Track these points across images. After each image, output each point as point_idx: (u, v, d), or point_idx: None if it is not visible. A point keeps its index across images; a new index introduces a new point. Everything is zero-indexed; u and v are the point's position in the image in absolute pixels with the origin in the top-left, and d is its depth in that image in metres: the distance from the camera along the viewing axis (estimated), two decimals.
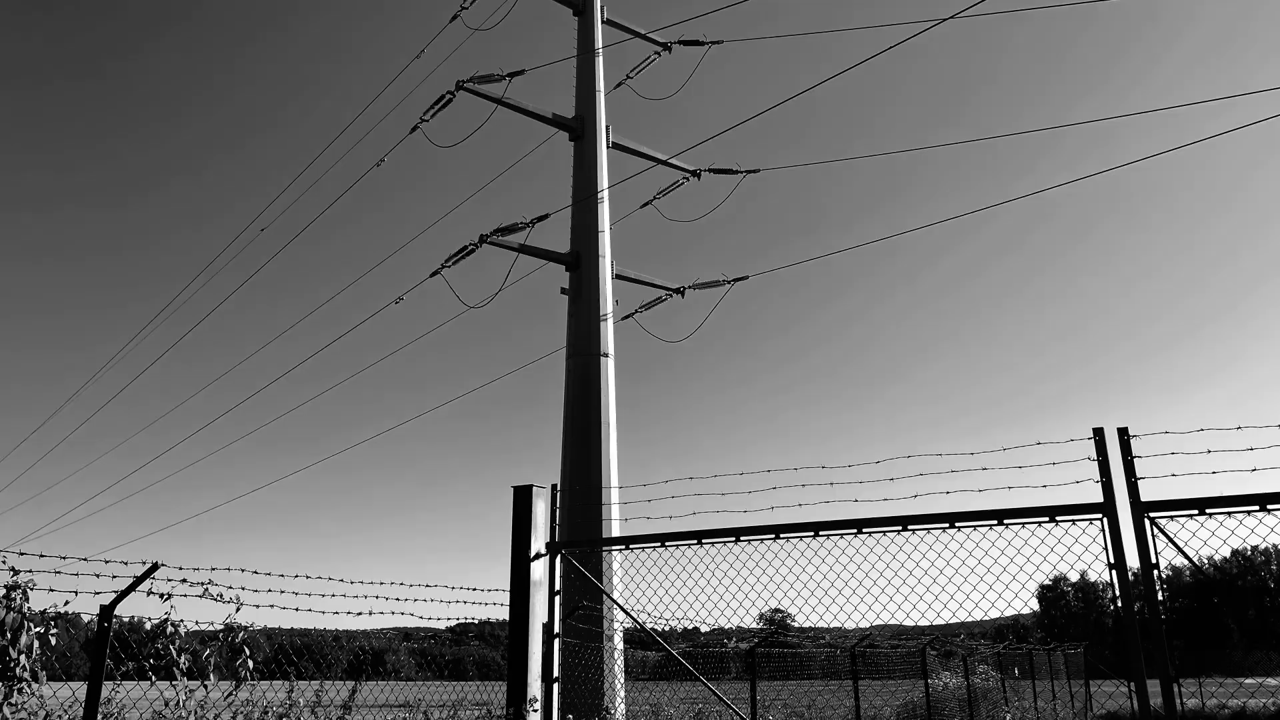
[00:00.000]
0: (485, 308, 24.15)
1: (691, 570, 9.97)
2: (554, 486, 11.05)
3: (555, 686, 10.43)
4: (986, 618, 8.65)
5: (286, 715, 9.85)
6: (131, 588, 8.41)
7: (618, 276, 24.89)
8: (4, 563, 8.21)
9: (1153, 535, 7.58)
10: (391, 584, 10.33)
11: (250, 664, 9.61)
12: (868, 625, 9.23)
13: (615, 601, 10.89)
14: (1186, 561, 7.62)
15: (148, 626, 9.20)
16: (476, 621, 11.44)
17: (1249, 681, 49.81)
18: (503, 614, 10.65)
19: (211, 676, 9.28)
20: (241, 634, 9.64)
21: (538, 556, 10.64)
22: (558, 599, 10.64)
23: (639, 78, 28.50)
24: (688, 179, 27.67)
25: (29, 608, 8.28)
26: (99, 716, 8.03)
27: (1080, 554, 7.94)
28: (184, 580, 8.88)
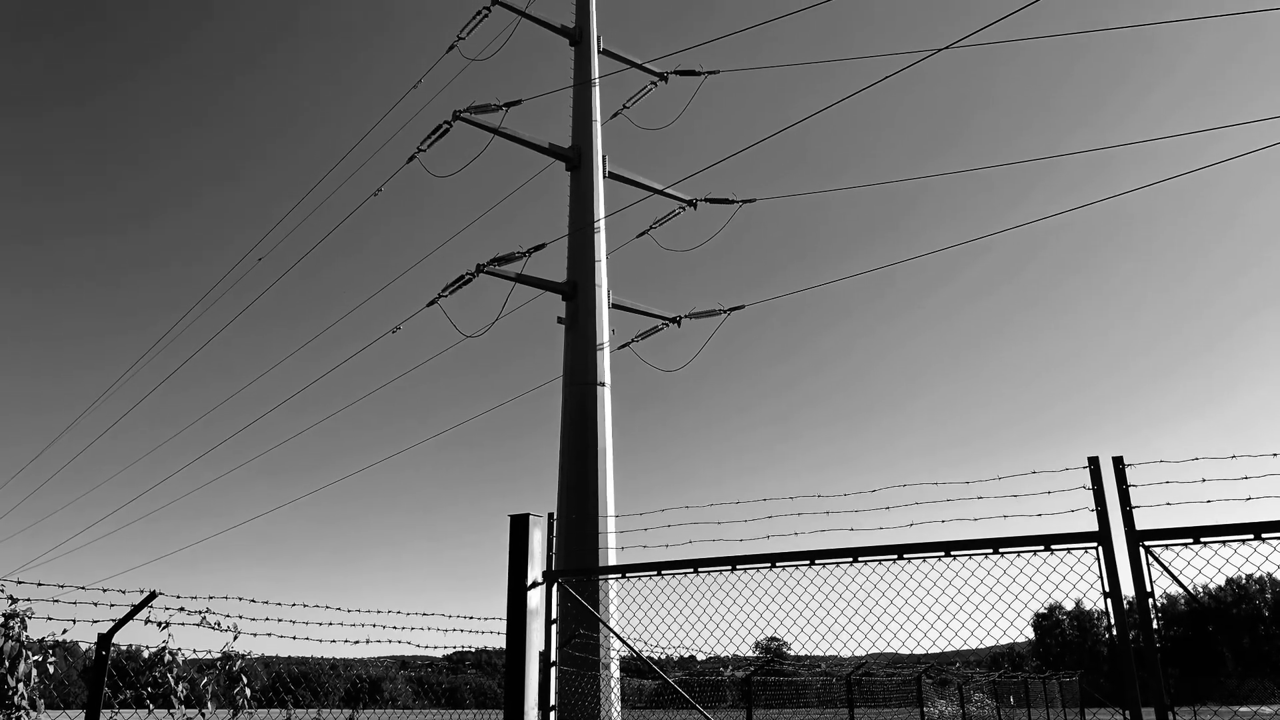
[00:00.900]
0: (482, 337, 24.22)
1: (687, 598, 10.00)
2: (550, 515, 11.07)
3: (552, 715, 10.43)
4: (982, 646, 8.67)
5: None
6: (129, 616, 8.43)
7: (614, 305, 24.96)
8: (2, 591, 8.23)
9: (1148, 564, 7.62)
10: (389, 612, 10.37)
11: (248, 692, 9.63)
12: (863, 653, 9.25)
13: (611, 630, 10.91)
14: (1181, 590, 7.66)
15: (145, 655, 9.22)
16: (473, 650, 11.47)
17: (1244, 710, 49.72)
18: (499, 642, 10.67)
19: (209, 705, 9.30)
20: (239, 662, 9.66)
21: (534, 585, 10.65)
22: (554, 627, 10.65)
23: (635, 107, 28.68)
24: (684, 209, 27.77)
25: (27, 636, 8.31)
26: None
27: (1075, 582, 7.98)
28: (181, 609, 8.91)
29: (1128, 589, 7.69)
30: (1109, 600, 7.73)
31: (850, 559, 8.93)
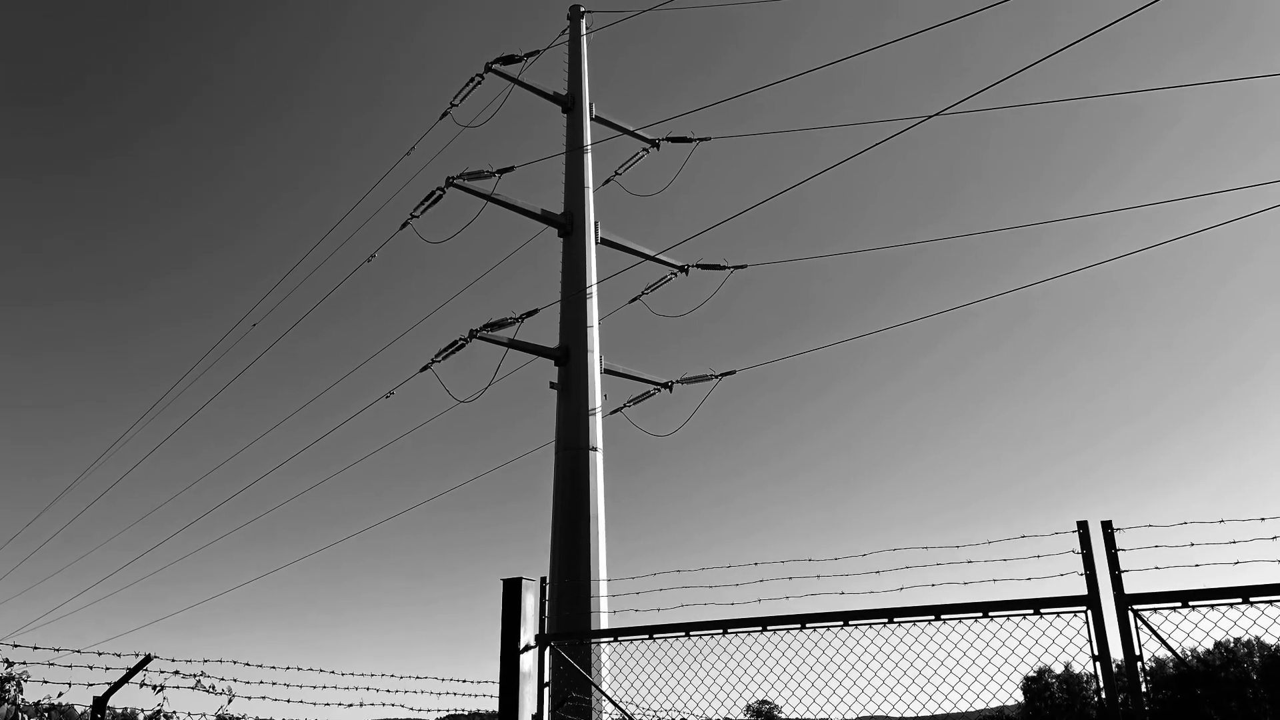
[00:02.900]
0: (475, 402, 24.29)
1: (679, 662, 10.05)
2: (543, 579, 11.12)
3: None
4: (972, 709, 8.72)
5: None
6: (125, 679, 8.46)
7: (606, 371, 25.06)
8: None
9: (1136, 627, 7.70)
10: (382, 675, 10.39)
11: None
12: (854, 716, 9.29)
13: (604, 693, 10.94)
14: (1170, 653, 7.73)
15: (141, 718, 9.23)
16: (467, 713, 11.47)
17: None
18: (493, 705, 10.68)
19: None
20: None
21: (527, 648, 10.69)
22: (547, 690, 10.67)
23: (627, 174, 28.93)
24: (676, 274, 27.94)
25: (23, 699, 8.32)
26: None
27: (1065, 646, 8.06)
28: (176, 672, 8.94)
29: (1117, 652, 7.77)
30: (1098, 664, 7.81)
31: (841, 623, 9.01)
